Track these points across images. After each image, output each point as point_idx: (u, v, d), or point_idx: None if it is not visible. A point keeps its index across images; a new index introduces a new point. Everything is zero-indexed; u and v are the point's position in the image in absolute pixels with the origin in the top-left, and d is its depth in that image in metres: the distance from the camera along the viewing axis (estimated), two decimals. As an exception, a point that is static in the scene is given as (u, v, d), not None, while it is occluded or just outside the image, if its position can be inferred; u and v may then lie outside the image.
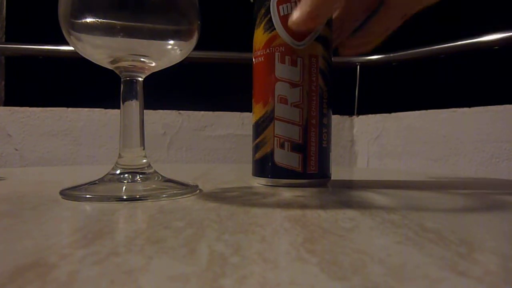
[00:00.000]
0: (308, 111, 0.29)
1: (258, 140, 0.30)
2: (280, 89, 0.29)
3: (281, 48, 0.29)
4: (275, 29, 0.29)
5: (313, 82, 0.29)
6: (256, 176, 0.31)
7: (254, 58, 0.31)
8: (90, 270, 0.10)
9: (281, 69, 0.29)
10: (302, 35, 0.29)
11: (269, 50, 0.29)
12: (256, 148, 0.31)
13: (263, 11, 0.30)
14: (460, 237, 0.14)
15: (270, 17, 0.29)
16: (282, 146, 0.29)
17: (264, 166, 0.30)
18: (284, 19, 0.29)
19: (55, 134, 0.87)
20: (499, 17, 0.80)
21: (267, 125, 0.30)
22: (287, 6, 0.29)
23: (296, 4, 0.28)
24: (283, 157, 0.29)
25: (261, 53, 0.30)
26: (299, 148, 0.29)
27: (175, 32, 0.24)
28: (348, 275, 0.10)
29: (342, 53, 0.33)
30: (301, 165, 0.29)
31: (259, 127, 0.30)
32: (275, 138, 0.29)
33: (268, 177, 0.30)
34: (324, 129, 0.30)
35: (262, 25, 0.30)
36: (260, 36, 0.30)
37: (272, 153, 0.29)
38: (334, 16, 0.32)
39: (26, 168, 0.61)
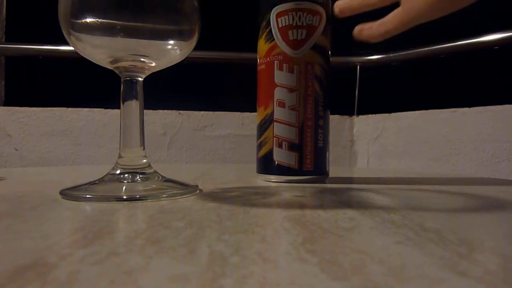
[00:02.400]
0: (304, 114, 0.32)
1: (260, 140, 0.33)
2: (279, 93, 0.32)
3: (279, 56, 0.32)
4: (274, 39, 0.32)
5: (309, 87, 0.32)
6: (259, 173, 0.34)
7: (258, 66, 0.34)
8: (90, 270, 0.10)
9: (280, 76, 0.32)
10: (298, 44, 0.32)
11: (269, 59, 0.32)
12: (259, 147, 0.34)
13: (264, 23, 0.33)
14: (460, 237, 0.14)
15: (270, 28, 0.32)
16: (280, 145, 0.32)
17: (266, 164, 0.33)
18: (282, 30, 0.32)
19: (55, 134, 0.87)
20: (499, 17, 0.80)
21: (268, 126, 0.32)
22: (284, 18, 0.32)
23: (293, 17, 0.31)
24: (282, 156, 0.32)
25: (263, 61, 0.33)
26: (296, 147, 0.31)
27: (175, 32, 0.24)
28: (348, 275, 0.10)
29: (357, 35, 0.35)
30: (297, 162, 0.31)
31: (261, 128, 0.33)
32: (275, 138, 0.32)
33: (269, 174, 0.33)
34: (320, 130, 0.32)
35: (264, 36, 0.33)
36: (262, 46, 0.33)
37: (272, 152, 0.32)
38: None
39: (26, 168, 0.61)
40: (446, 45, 0.83)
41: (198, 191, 0.26)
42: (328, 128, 0.33)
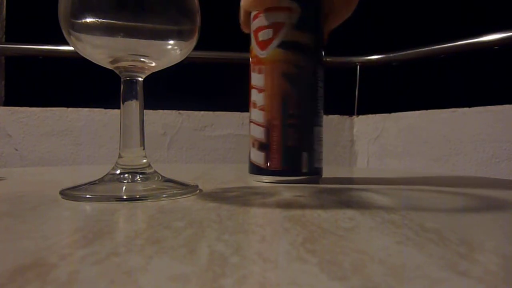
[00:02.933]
0: (270, 113, 0.31)
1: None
2: (253, 95, 0.32)
3: (254, 59, 0.32)
4: (252, 42, 0.32)
5: (274, 85, 0.31)
6: (249, 173, 0.34)
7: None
8: (90, 270, 0.10)
9: (253, 78, 0.32)
10: (265, 44, 0.31)
11: (250, 61, 0.33)
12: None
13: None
14: (460, 237, 0.14)
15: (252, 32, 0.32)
16: (253, 145, 0.32)
17: (249, 164, 0.33)
18: (255, 32, 0.32)
19: (55, 134, 0.87)
20: (499, 17, 0.80)
21: (249, 128, 0.33)
22: (257, 20, 0.31)
23: (263, 18, 0.31)
24: (255, 155, 0.32)
25: (250, 64, 0.33)
26: (264, 147, 0.31)
27: (175, 32, 0.24)
28: (348, 275, 0.10)
29: None
30: (265, 162, 0.31)
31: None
32: (251, 139, 0.33)
33: (251, 173, 0.33)
34: (289, 129, 0.31)
35: (251, 39, 0.33)
36: (250, 50, 0.33)
37: (250, 152, 0.33)
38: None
39: (26, 168, 0.61)
40: (446, 45, 0.83)
41: (198, 191, 0.26)
42: (305, 126, 0.31)
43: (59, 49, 0.90)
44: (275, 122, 0.31)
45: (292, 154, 0.31)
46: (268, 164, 0.31)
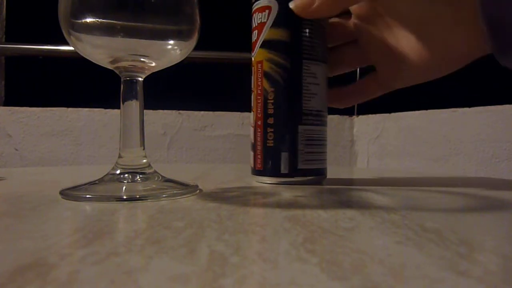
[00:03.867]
0: (255, 114, 0.32)
1: None
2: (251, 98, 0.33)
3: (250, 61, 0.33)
4: None
5: (259, 86, 0.31)
6: None
7: None
8: (90, 270, 0.10)
9: (251, 80, 0.33)
10: (252, 46, 0.32)
11: None
12: None
13: None
14: (460, 237, 0.14)
15: None
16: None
17: None
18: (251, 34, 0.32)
19: (55, 134, 0.87)
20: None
21: None
22: (253, 18, 0.31)
23: (252, 20, 0.31)
24: (250, 156, 0.33)
25: None
26: (252, 147, 0.32)
27: (175, 32, 0.24)
28: (348, 275, 0.10)
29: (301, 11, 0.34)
30: (253, 162, 0.32)
31: None
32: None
33: (251, 174, 0.33)
34: (269, 129, 0.31)
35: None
36: None
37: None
38: None
39: (26, 168, 0.61)
40: (446, 45, 0.83)
41: (198, 191, 0.26)
42: (285, 126, 0.30)
43: (59, 49, 0.90)
44: (259, 122, 0.31)
45: (271, 154, 0.31)
46: (254, 164, 0.32)
